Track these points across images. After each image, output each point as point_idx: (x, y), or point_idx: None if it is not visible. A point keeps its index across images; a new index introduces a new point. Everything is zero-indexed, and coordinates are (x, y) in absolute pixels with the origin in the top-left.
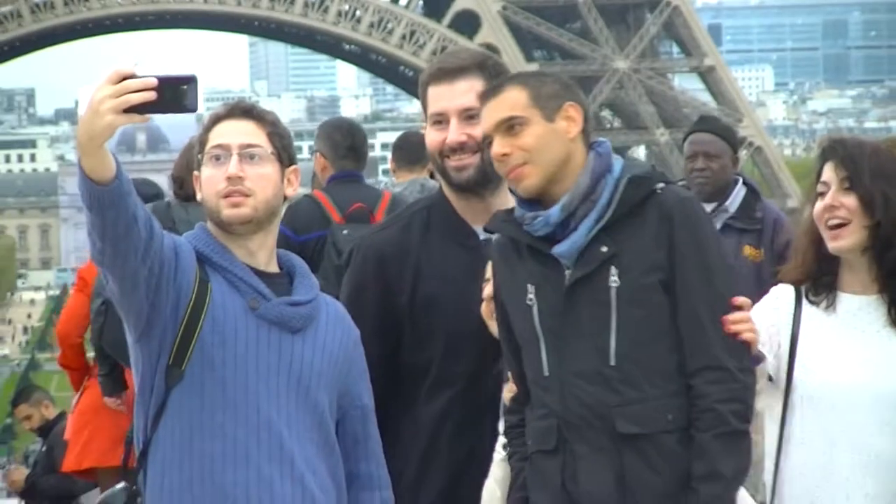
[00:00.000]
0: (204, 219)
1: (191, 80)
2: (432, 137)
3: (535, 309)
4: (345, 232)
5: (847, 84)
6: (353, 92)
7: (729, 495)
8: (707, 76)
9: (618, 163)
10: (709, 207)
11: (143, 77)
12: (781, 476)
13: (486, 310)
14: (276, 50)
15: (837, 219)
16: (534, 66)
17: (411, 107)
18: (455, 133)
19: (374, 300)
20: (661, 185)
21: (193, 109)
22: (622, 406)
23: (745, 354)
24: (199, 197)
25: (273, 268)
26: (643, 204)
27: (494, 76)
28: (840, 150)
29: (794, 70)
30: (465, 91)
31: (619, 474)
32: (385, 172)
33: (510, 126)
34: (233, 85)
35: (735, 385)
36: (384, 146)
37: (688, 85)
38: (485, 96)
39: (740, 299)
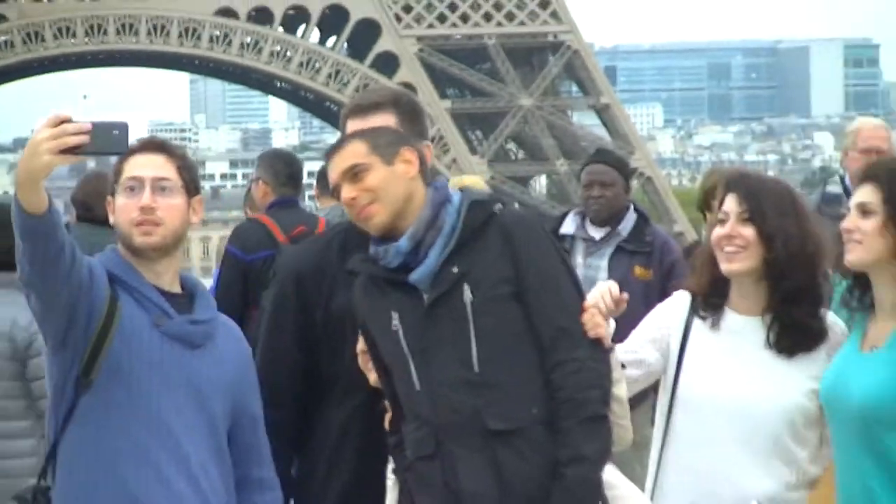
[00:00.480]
0: (106, 240)
1: (122, 127)
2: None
3: (400, 332)
4: None
5: (729, 121)
6: (283, 125)
7: (594, 476)
8: (603, 113)
9: (456, 195)
10: (603, 232)
11: (79, 122)
12: (664, 467)
13: (363, 361)
14: (215, 86)
15: (734, 246)
16: (447, 103)
17: (335, 138)
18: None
19: (294, 313)
20: (499, 206)
21: (123, 152)
22: (489, 406)
23: (597, 346)
24: (111, 221)
25: (176, 288)
26: (485, 226)
27: (408, 111)
28: (743, 185)
29: (681, 108)
30: (378, 124)
31: (496, 469)
32: (310, 198)
33: (354, 173)
34: (174, 118)
35: (590, 374)
36: (310, 174)
37: (586, 121)
38: (330, 153)
39: (586, 302)
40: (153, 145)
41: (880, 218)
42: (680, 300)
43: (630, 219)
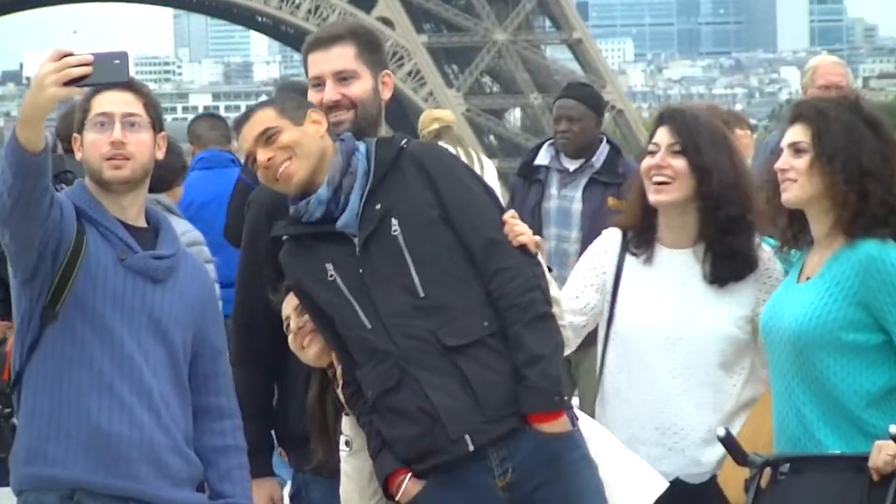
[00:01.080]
0: None
1: (122, 56)
2: (312, 98)
3: (338, 280)
4: None
5: (698, 55)
6: (264, 58)
7: (553, 370)
8: (575, 48)
9: (362, 144)
10: (577, 163)
11: (81, 54)
12: (604, 400)
13: (298, 340)
14: (198, 21)
15: (663, 176)
16: (423, 38)
17: None
18: (330, 93)
19: (266, 247)
20: (404, 140)
21: (125, 81)
22: (442, 326)
23: (526, 252)
24: (78, 157)
25: (141, 223)
26: (397, 161)
27: (366, 42)
28: (678, 118)
29: (651, 43)
30: (338, 56)
31: (464, 381)
32: None
33: (267, 137)
34: (158, 52)
35: (526, 277)
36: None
37: (558, 55)
38: (239, 125)
39: (507, 214)
40: (121, 83)
41: (810, 156)
42: (610, 239)
43: (603, 151)
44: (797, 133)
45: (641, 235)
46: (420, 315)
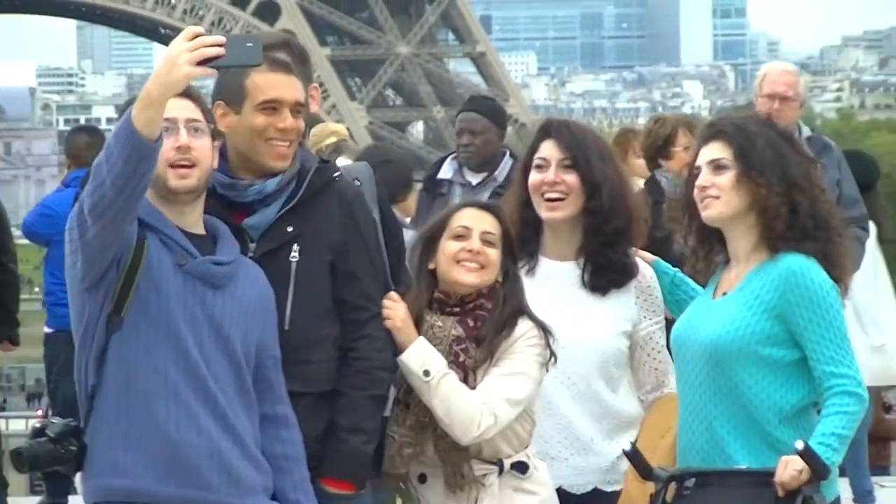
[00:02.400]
0: None
1: (255, 40)
2: None
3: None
4: None
5: (601, 69)
6: None
7: (368, 449)
8: (479, 61)
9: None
10: (479, 177)
11: (214, 35)
12: None
13: None
14: (101, 33)
15: (557, 192)
16: (327, 50)
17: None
18: None
19: None
20: (337, 173)
21: (257, 64)
22: (292, 366)
23: (390, 336)
24: None
25: (199, 230)
26: (324, 189)
27: (297, 54)
28: (565, 132)
29: (554, 56)
30: None
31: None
32: None
33: (297, 111)
34: (62, 63)
35: (388, 357)
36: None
37: (462, 68)
38: (276, 66)
39: (392, 294)
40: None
41: (734, 173)
42: None
43: (506, 164)
44: (716, 150)
45: (523, 247)
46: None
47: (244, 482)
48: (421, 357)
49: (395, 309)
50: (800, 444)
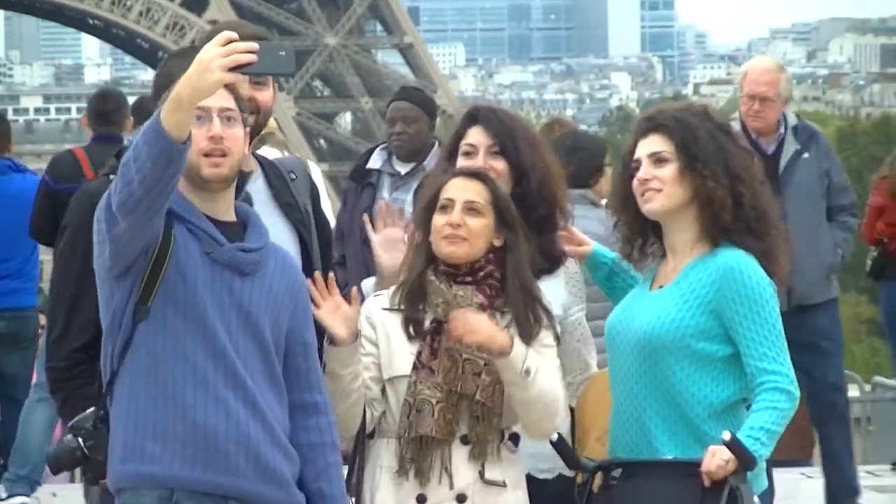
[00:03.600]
0: None
1: (289, 49)
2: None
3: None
4: None
5: (529, 61)
6: (96, 61)
7: None
8: (407, 52)
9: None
10: (408, 167)
11: (248, 42)
12: None
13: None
14: (29, 22)
15: None
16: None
17: (146, 75)
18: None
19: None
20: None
21: (290, 73)
22: None
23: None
24: None
25: (230, 217)
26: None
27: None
28: (493, 118)
29: (482, 48)
30: None
31: None
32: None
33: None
34: None
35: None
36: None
37: (389, 59)
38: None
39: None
40: None
41: (677, 165)
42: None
43: (435, 154)
44: (656, 143)
45: None
46: None
47: (272, 469)
48: (521, 356)
49: (478, 321)
50: (726, 435)
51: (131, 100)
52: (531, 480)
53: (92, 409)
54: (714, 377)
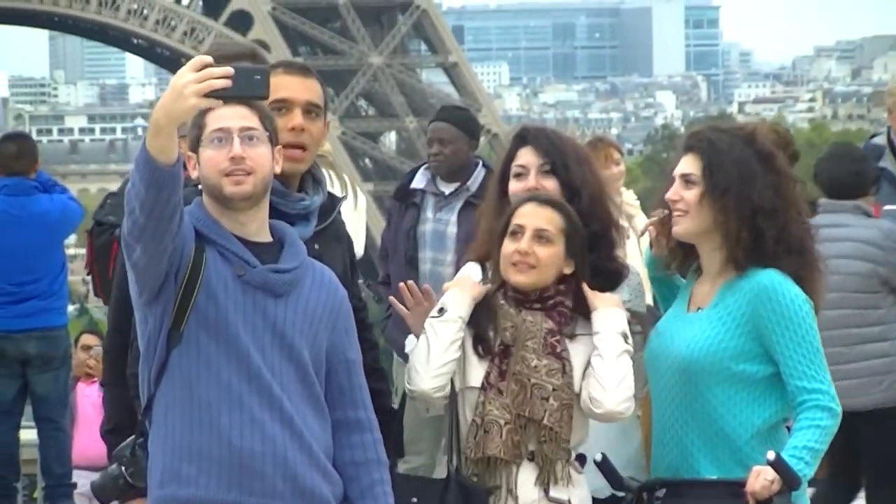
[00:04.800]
0: None
1: (262, 72)
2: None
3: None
4: None
5: (573, 80)
6: (140, 80)
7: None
8: (451, 71)
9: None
10: (452, 187)
11: (222, 66)
12: None
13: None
14: (73, 42)
15: None
16: (300, 60)
17: None
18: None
19: None
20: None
21: (264, 97)
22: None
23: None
24: (194, 175)
25: (264, 237)
26: (334, 211)
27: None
28: (542, 138)
29: (527, 67)
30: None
31: None
32: None
33: (308, 111)
34: (34, 73)
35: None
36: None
37: (434, 79)
38: (291, 68)
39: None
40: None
41: (700, 190)
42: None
43: (479, 174)
44: (688, 164)
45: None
46: None
47: (309, 491)
48: (620, 318)
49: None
50: (771, 455)
51: None
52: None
53: (132, 436)
54: (755, 398)
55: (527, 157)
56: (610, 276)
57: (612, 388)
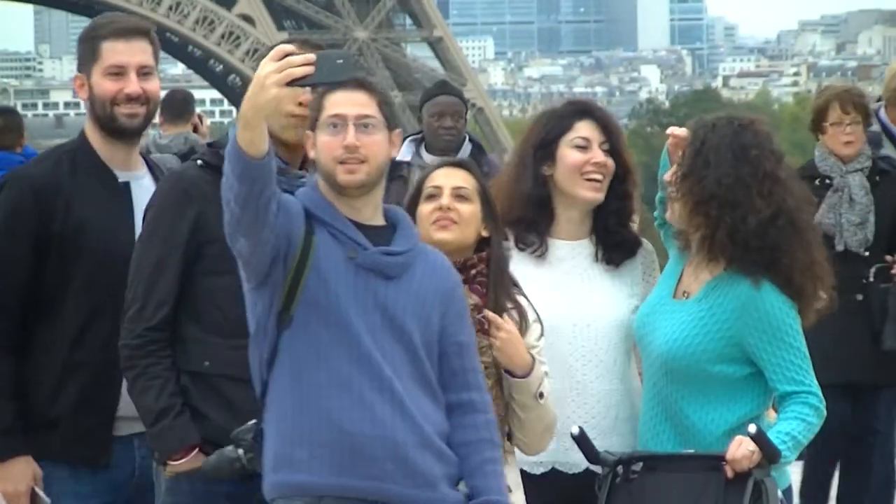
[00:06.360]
0: None
1: (346, 56)
2: (107, 87)
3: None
4: None
5: (558, 54)
6: None
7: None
8: (436, 46)
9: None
10: (438, 160)
11: (303, 54)
12: None
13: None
14: (59, 17)
15: (600, 174)
16: (284, 35)
17: (176, 69)
18: (136, 84)
19: (31, 225)
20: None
21: (347, 80)
22: None
23: None
24: (311, 155)
25: (377, 221)
26: None
27: (156, 47)
28: (599, 115)
29: (512, 41)
30: (139, 51)
31: None
32: (153, 126)
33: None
34: (19, 47)
35: None
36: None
37: (419, 53)
38: (345, 82)
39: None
40: (354, 82)
41: (685, 179)
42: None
43: (466, 148)
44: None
45: (531, 229)
46: None
47: (421, 472)
48: (538, 379)
49: (510, 329)
50: (752, 428)
51: (161, 94)
52: (524, 476)
53: (253, 420)
54: (731, 396)
55: (588, 130)
56: (633, 242)
57: (536, 441)
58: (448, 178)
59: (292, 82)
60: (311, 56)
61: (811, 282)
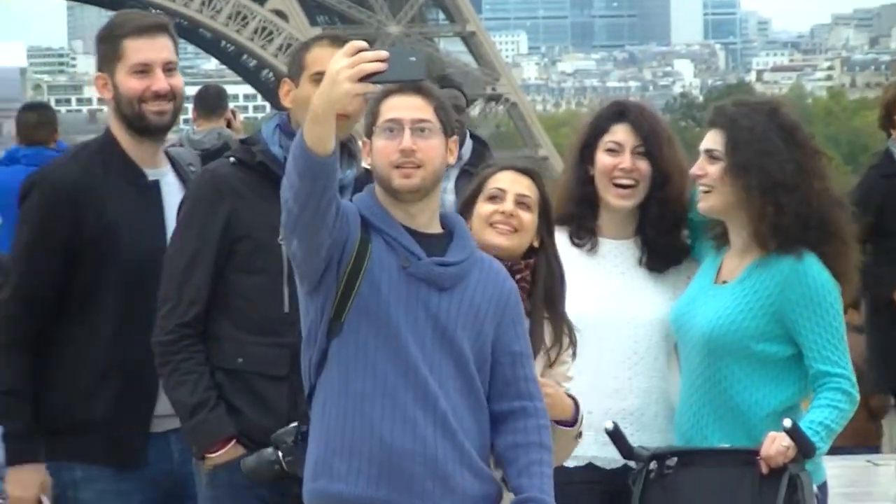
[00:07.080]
0: None
1: (419, 55)
2: (134, 86)
3: (283, 248)
4: None
5: (592, 48)
6: None
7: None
8: (469, 40)
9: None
10: None
11: (376, 50)
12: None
13: None
14: (91, 12)
15: (630, 180)
16: (317, 30)
17: (209, 64)
18: (163, 81)
19: (65, 228)
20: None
21: (420, 79)
22: (296, 346)
23: None
24: (367, 162)
25: (434, 228)
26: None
27: (176, 41)
28: (640, 118)
29: (545, 35)
30: (160, 47)
31: None
32: (186, 122)
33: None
34: (53, 43)
35: None
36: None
37: (452, 48)
38: (405, 84)
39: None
40: (410, 87)
41: (723, 166)
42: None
43: (468, 143)
44: (712, 139)
45: (583, 226)
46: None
47: (460, 490)
48: (580, 423)
49: (551, 389)
50: (787, 422)
51: (195, 89)
52: (560, 470)
53: (294, 423)
54: (773, 378)
55: (623, 134)
56: (681, 250)
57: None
58: (514, 184)
59: (364, 78)
60: (383, 53)
61: (848, 254)
